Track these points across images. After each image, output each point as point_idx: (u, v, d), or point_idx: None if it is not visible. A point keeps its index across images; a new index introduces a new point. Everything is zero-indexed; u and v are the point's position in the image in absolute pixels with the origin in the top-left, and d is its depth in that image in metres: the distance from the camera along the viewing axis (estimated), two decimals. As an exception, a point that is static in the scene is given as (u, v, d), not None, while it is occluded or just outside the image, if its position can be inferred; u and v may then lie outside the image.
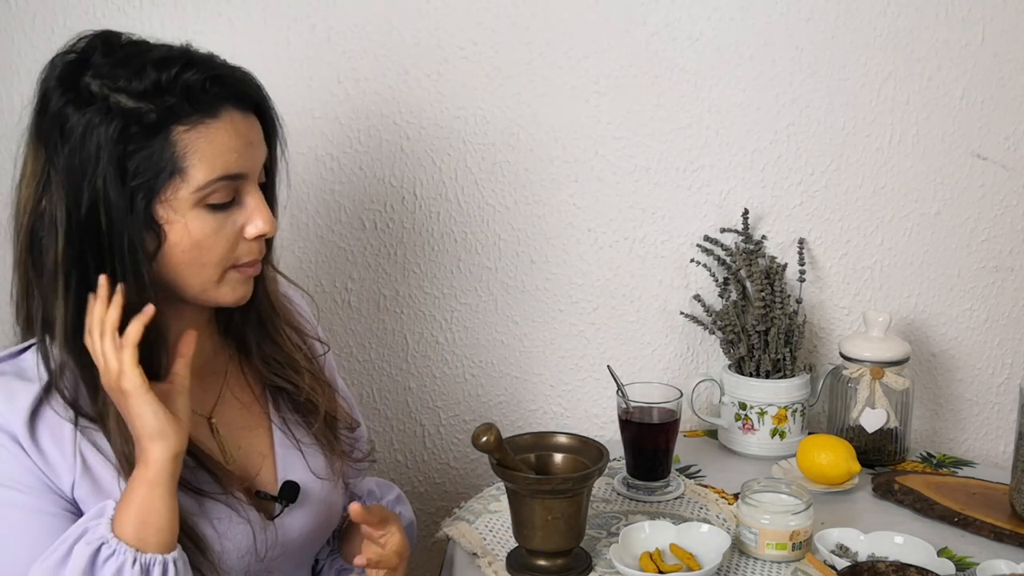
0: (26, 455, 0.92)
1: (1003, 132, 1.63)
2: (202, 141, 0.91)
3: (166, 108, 0.90)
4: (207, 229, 0.93)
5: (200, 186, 0.92)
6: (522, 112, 1.57)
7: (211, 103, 0.92)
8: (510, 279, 1.63)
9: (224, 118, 0.93)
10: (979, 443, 1.73)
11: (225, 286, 0.97)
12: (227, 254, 0.96)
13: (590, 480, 1.13)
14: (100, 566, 0.88)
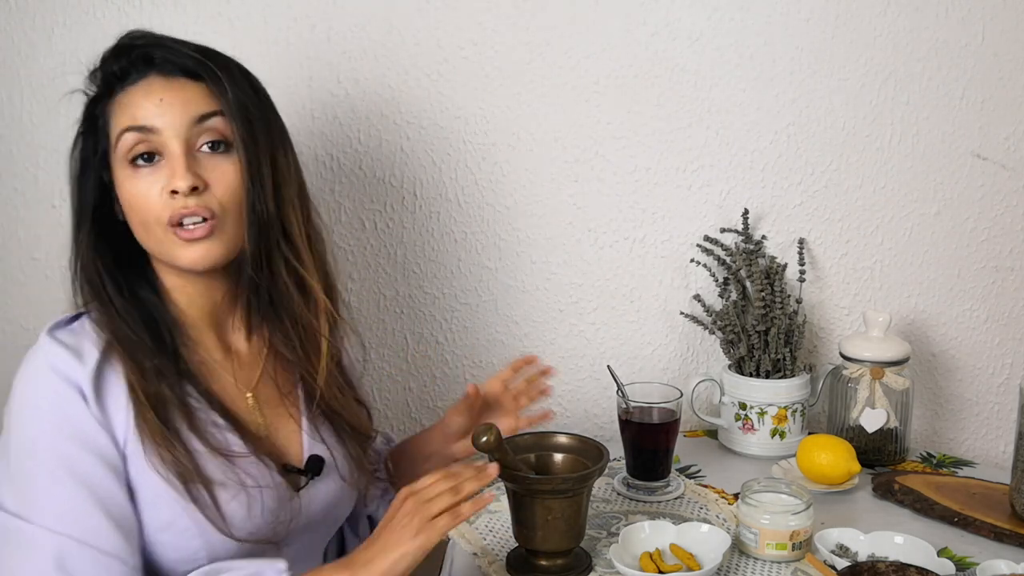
0: (88, 410, 0.98)
1: (1003, 132, 1.63)
2: (117, 105, 1.03)
3: (99, 91, 1.05)
4: (135, 188, 1.02)
5: (114, 140, 1.02)
6: (522, 112, 1.57)
7: (130, 70, 1.03)
8: (510, 279, 1.63)
9: (141, 84, 1.03)
10: (979, 443, 1.73)
11: (175, 248, 1.03)
12: (160, 212, 1.01)
13: (590, 480, 1.13)
14: None
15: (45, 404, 0.98)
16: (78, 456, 0.97)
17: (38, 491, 0.96)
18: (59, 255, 1.52)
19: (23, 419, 0.98)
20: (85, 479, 0.97)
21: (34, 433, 0.97)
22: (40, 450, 0.97)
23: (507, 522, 1.24)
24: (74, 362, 0.99)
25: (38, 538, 0.94)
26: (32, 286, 1.53)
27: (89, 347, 1.01)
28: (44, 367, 0.99)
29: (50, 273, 1.53)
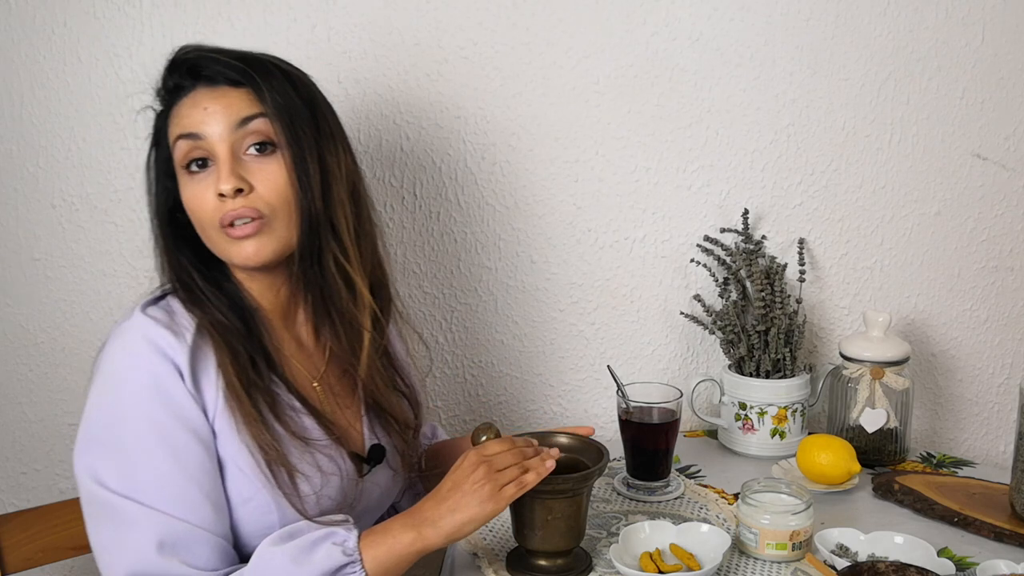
0: (186, 389, 1.02)
1: (1003, 132, 1.63)
2: (173, 117, 1.09)
3: (164, 98, 1.11)
4: (191, 192, 1.07)
5: (171, 148, 1.08)
6: (522, 112, 1.57)
7: (181, 82, 1.09)
8: (510, 279, 1.63)
9: (190, 96, 1.08)
10: (979, 443, 1.73)
11: (228, 246, 1.07)
12: (213, 215, 1.06)
13: (590, 480, 1.13)
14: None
15: (143, 378, 1.01)
16: (175, 430, 1.01)
17: (137, 468, 0.99)
18: (59, 255, 1.53)
19: (120, 393, 1.01)
20: (181, 454, 1.01)
21: (131, 407, 1.00)
22: (138, 424, 1.00)
23: (507, 522, 1.24)
24: (172, 338, 1.03)
25: (140, 517, 0.98)
26: (32, 286, 1.53)
27: (184, 325, 1.05)
28: (140, 342, 1.02)
29: (50, 273, 1.53)
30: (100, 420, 1.02)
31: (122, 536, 0.99)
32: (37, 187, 1.51)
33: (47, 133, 1.50)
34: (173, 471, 1.00)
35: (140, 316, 1.05)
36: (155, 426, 1.00)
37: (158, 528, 0.98)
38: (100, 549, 1.01)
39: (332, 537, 1.03)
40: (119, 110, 1.50)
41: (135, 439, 1.00)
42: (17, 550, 1.24)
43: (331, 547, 1.02)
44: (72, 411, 1.57)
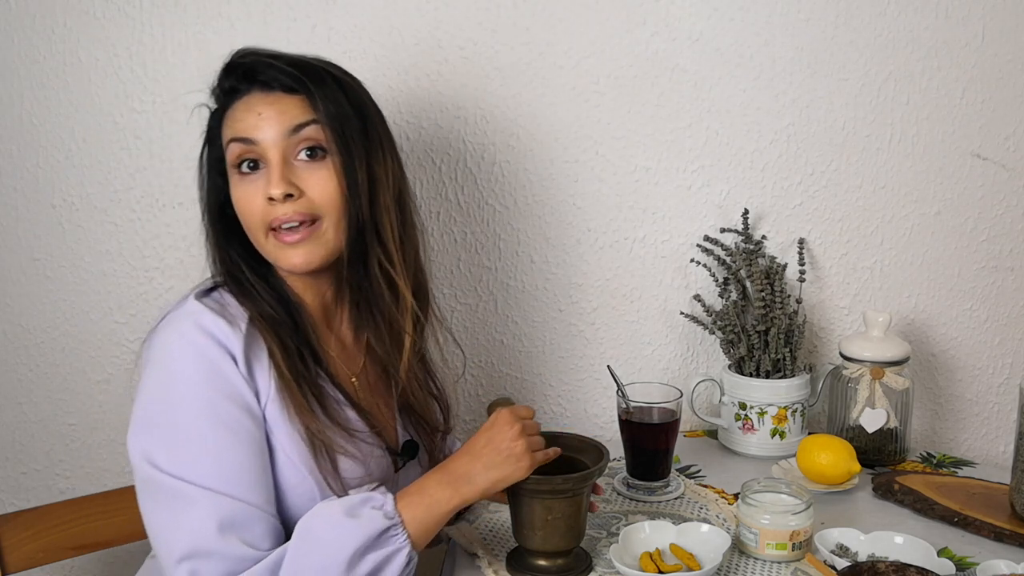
0: (240, 374, 1.04)
1: (1003, 132, 1.63)
2: (227, 118, 1.11)
3: (220, 99, 1.14)
4: (241, 192, 1.10)
5: (224, 148, 1.11)
6: (522, 112, 1.57)
7: (237, 85, 1.11)
8: (510, 279, 1.63)
9: (244, 99, 1.11)
10: (979, 443, 1.73)
11: (277, 251, 1.10)
12: (262, 217, 1.09)
13: (590, 480, 1.13)
14: (385, 541, 1.03)
15: (198, 362, 1.03)
16: (229, 411, 1.03)
17: (193, 449, 1.01)
18: (59, 255, 1.53)
19: (174, 376, 1.03)
20: (237, 434, 1.03)
21: (186, 390, 1.02)
22: (193, 406, 1.02)
23: (507, 522, 1.24)
24: (226, 326, 1.05)
25: (199, 499, 0.99)
26: (32, 286, 1.53)
27: (237, 315, 1.08)
28: (194, 327, 1.04)
29: (50, 273, 1.53)
30: (155, 404, 1.03)
31: (180, 518, 1.00)
32: (37, 187, 1.51)
33: (47, 133, 1.50)
34: (229, 451, 1.02)
35: (194, 303, 1.07)
36: (210, 407, 1.02)
37: (217, 509, 0.99)
38: (157, 531, 1.02)
39: (370, 501, 1.04)
40: (119, 110, 1.50)
41: (191, 421, 1.01)
42: (17, 550, 1.24)
43: (372, 511, 1.03)
44: (72, 411, 1.57)
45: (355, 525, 1.01)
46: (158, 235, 1.54)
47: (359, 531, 1.01)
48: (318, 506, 1.05)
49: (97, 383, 1.57)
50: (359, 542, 1.01)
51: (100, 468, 1.59)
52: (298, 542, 1.01)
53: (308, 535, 1.01)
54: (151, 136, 1.51)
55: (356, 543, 1.01)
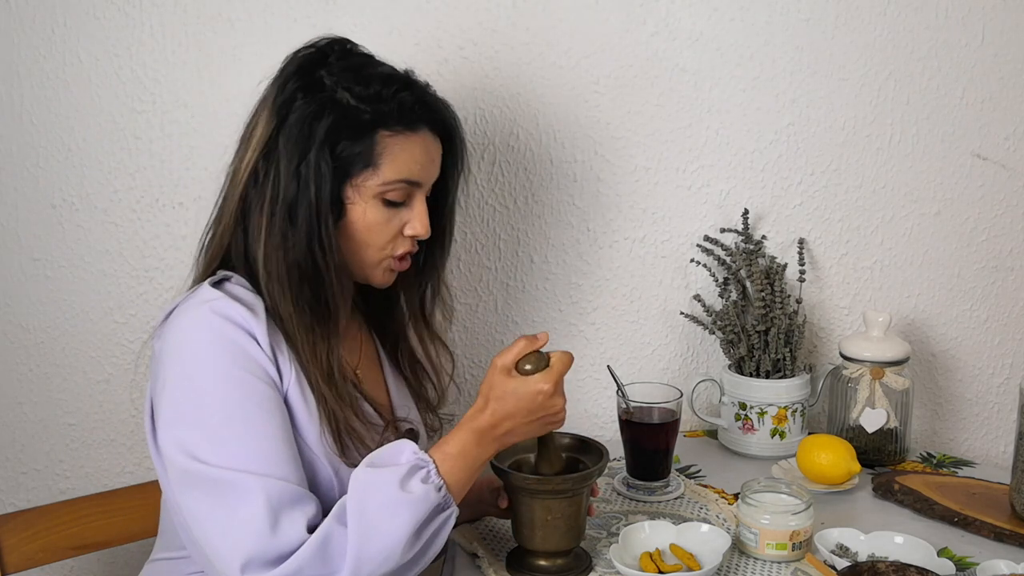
0: (264, 354, 1.05)
1: (1003, 132, 1.63)
2: (398, 147, 1.11)
3: (380, 113, 1.09)
4: (379, 218, 1.12)
5: (386, 181, 1.10)
6: (521, 112, 1.57)
7: (414, 121, 1.12)
8: (510, 279, 1.63)
9: (420, 135, 1.13)
10: (979, 443, 1.73)
11: (378, 269, 1.16)
12: (388, 243, 1.13)
13: (590, 480, 1.13)
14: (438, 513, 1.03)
15: (219, 342, 1.03)
16: (257, 387, 1.03)
17: (230, 434, 1.00)
18: (59, 255, 1.53)
19: (197, 362, 1.02)
20: (270, 412, 1.03)
21: (211, 372, 1.02)
22: (222, 388, 1.01)
23: (507, 522, 1.24)
24: (245, 311, 1.05)
25: (246, 484, 0.98)
26: (32, 286, 1.53)
27: (254, 302, 1.07)
28: (213, 314, 1.04)
29: (50, 273, 1.53)
30: (182, 395, 1.02)
31: (230, 508, 0.98)
32: (37, 187, 1.51)
33: (47, 133, 1.50)
34: (265, 430, 1.01)
35: (210, 290, 1.06)
36: (240, 387, 1.02)
37: (266, 493, 0.98)
38: (209, 526, 0.99)
39: (417, 472, 1.03)
40: (119, 110, 1.50)
41: (222, 405, 1.01)
42: (17, 550, 1.24)
43: (423, 486, 1.02)
44: (72, 411, 1.57)
45: (411, 503, 1.00)
46: (158, 235, 1.54)
47: (416, 510, 1.00)
48: (364, 477, 1.02)
49: (97, 383, 1.57)
50: (417, 522, 1.00)
51: (100, 468, 1.59)
52: (357, 521, 0.99)
53: (365, 517, 0.99)
54: (151, 136, 1.51)
55: (415, 523, 1.00)
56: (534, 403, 1.08)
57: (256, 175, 1.10)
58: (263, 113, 1.11)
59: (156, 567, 1.19)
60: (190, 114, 1.51)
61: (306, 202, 1.07)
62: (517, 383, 1.08)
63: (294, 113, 1.08)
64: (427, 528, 1.02)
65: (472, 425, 1.08)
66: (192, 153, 1.52)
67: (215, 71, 1.50)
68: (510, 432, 1.09)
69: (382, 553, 0.98)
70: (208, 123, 1.51)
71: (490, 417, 1.08)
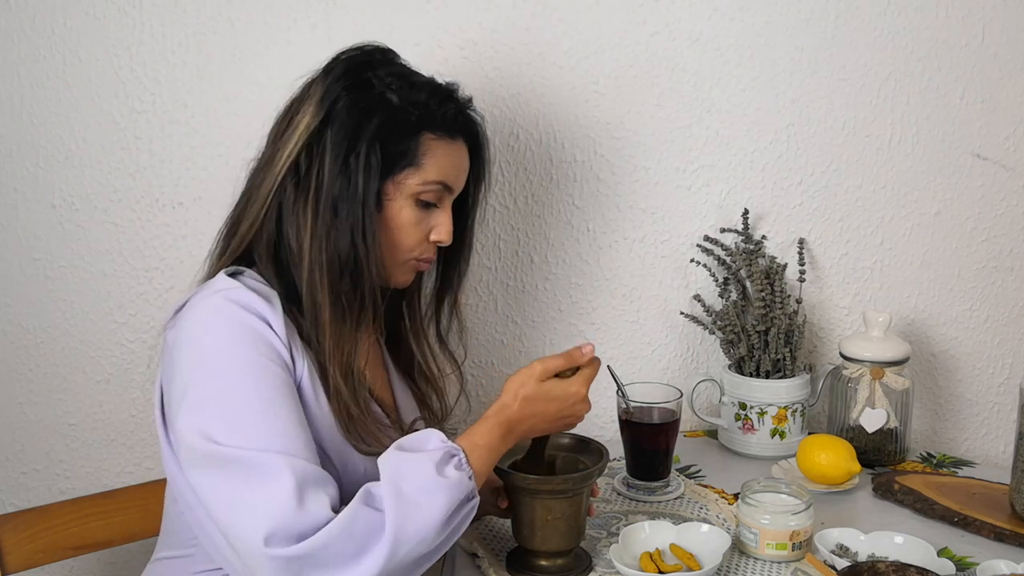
0: (277, 337, 1.06)
1: (1003, 132, 1.63)
2: (440, 151, 1.15)
3: (426, 117, 1.14)
4: (411, 218, 1.15)
5: (426, 181, 1.14)
6: (521, 112, 1.57)
7: (455, 129, 1.17)
8: (510, 279, 1.63)
9: (458, 143, 1.18)
10: (979, 443, 1.73)
11: (400, 269, 1.18)
12: (414, 245, 1.17)
13: (590, 480, 1.13)
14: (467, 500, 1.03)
15: (234, 327, 1.04)
16: (272, 370, 1.03)
17: (252, 416, 1.00)
18: (59, 255, 1.53)
19: (212, 346, 1.03)
20: (286, 395, 1.03)
21: (227, 355, 1.02)
22: (237, 370, 1.02)
23: (507, 522, 1.24)
24: (261, 301, 1.06)
25: (272, 462, 0.97)
26: (32, 286, 1.53)
27: (270, 293, 1.09)
28: (229, 301, 1.05)
29: (50, 273, 1.53)
30: (198, 379, 1.02)
31: (257, 484, 0.97)
32: (37, 187, 1.51)
33: (47, 133, 1.50)
34: (283, 410, 1.02)
35: (225, 280, 1.07)
36: (256, 368, 1.02)
37: (292, 472, 0.97)
38: (225, 502, 0.98)
39: (452, 460, 1.03)
40: (119, 110, 1.50)
41: (238, 386, 1.01)
42: (17, 550, 1.24)
43: (456, 472, 1.02)
44: (72, 411, 1.57)
45: (448, 487, 1.00)
46: (158, 235, 1.54)
47: (451, 494, 1.00)
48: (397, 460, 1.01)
49: (97, 383, 1.57)
50: (452, 506, 1.01)
51: (100, 468, 1.59)
52: (395, 501, 0.98)
53: (403, 497, 0.98)
54: (151, 136, 1.51)
55: (450, 507, 1.00)
56: (566, 404, 1.11)
57: (298, 166, 1.11)
58: (307, 107, 1.13)
59: (160, 566, 1.19)
60: (190, 114, 1.51)
61: (353, 194, 1.10)
62: (553, 384, 1.11)
63: (344, 108, 1.11)
64: (457, 515, 1.02)
65: (499, 418, 1.09)
66: (192, 153, 1.52)
67: (215, 71, 1.50)
68: (532, 429, 1.12)
69: (419, 534, 0.98)
70: (208, 123, 1.51)
71: (518, 412, 1.09)
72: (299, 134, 1.11)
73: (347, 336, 1.11)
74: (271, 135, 1.17)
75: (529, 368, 1.11)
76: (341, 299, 1.10)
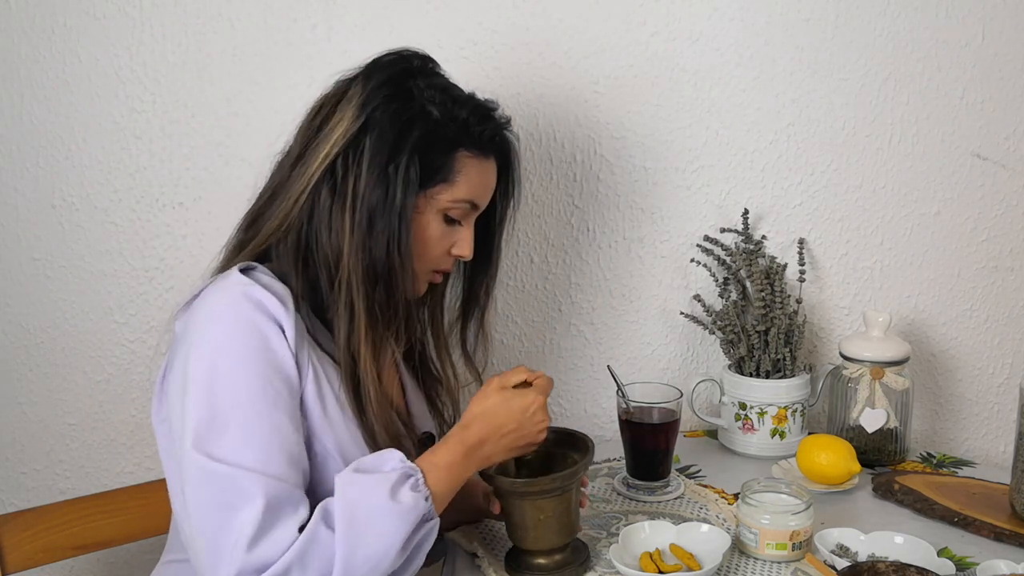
0: (288, 349, 1.05)
1: (1003, 132, 1.63)
2: (473, 170, 1.16)
3: (464, 134, 1.14)
4: (437, 232, 1.16)
5: (456, 199, 1.15)
6: (521, 112, 1.57)
7: (489, 149, 1.18)
8: (510, 279, 1.63)
9: (490, 162, 1.19)
10: (979, 443, 1.73)
11: (420, 281, 1.19)
12: (436, 258, 1.18)
13: (578, 476, 1.13)
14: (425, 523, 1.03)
15: (248, 331, 1.03)
16: (273, 382, 1.03)
17: (236, 422, 1.00)
18: (59, 255, 1.53)
19: (221, 348, 1.02)
20: (279, 408, 1.03)
21: (234, 358, 1.02)
22: (239, 376, 1.01)
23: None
24: (275, 300, 1.05)
25: (245, 483, 0.97)
26: (32, 286, 1.53)
27: (283, 292, 1.08)
28: (244, 297, 1.04)
29: (50, 273, 1.53)
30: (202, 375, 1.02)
31: (229, 508, 0.97)
32: (37, 187, 1.51)
33: (47, 133, 1.50)
34: (270, 427, 1.01)
35: (239, 275, 1.06)
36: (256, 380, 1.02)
37: (266, 493, 0.97)
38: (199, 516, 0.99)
39: (407, 481, 1.03)
40: (119, 110, 1.50)
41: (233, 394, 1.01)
42: (17, 550, 1.24)
43: (412, 493, 1.02)
44: (72, 411, 1.57)
45: (401, 512, 1.00)
46: (158, 235, 1.54)
47: (404, 519, 1.00)
48: (352, 482, 1.01)
49: (97, 383, 1.57)
50: (407, 532, 1.00)
51: (100, 468, 1.59)
52: (345, 528, 0.98)
53: (354, 525, 0.98)
54: (151, 136, 1.51)
55: (404, 533, 1.00)
56: (524, 415, 1.11)
57: (334, 170, 1.10)
58: (345, 111, 1.11)
59: (168, 570, 1.18)
60: (190, 114, 1.51)
61: (390, 205, 1.09)
62: (509, 394, 1.12)
63: (385, 117, 1.10)
64: (414, 537, 1.02)
65: (460, 436, 1.10)
66: (192, 153, 1.52)
67: (215, 71, 1.50)
68: (495, 449, 1.11)
69: (371, 561, 0.98)
70: (208, 123, 1.51)
71: (479, 430, 1.10)
72: (336, 137, 1.10)
73: (380, 345, 1.12)
74: (301, 132, 1.15)
75: (486, 384, 1.14)
76: (375, 308, 1.10)
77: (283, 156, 1.16)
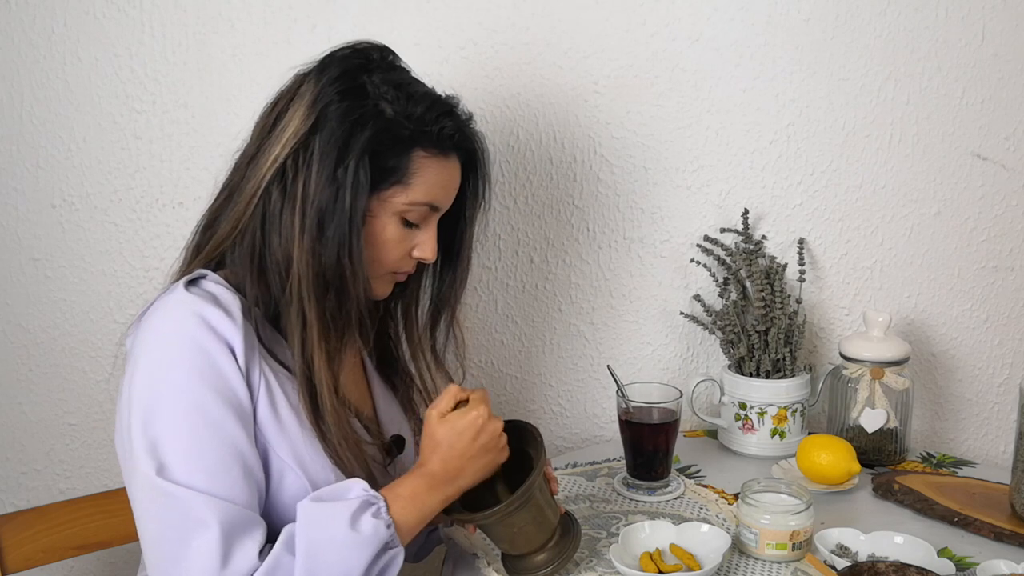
0: (237, 368, 1.02)
1: (1003, 132, 1.63)
2: (431, 170, 1.10)
3: (420, 133, 1.09)
4: (394, 236, 1.11)
5: (413, 201, 1.10)
6: (521, 112, 1.57)
7: (448, 147, 1.12)
8: (510, 279, 1.63)
9: (451, 161, 1.13)
10: (979, 443, 1.73)
11: (380, 282, 1.15)
12: (396, 261, 1.13)
13: (535, 485, 1.10)
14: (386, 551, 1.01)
15: (194, 352, 1.00)
16: (217, 405, 1.00)
17: (189, 451, 0.98)
18: (59, 255, 1.53)
19: (166, 369, 1.00)
20: (225, 430, 1.00)
21: (178, 382, 1.00)
22: (182, 401, 0.99)
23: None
24: (225, 317, 1.02)
25: (200, 508, 0.96)
26: (32, 286, 1.54)
27: (230, 304, 1.04)
28: (192, 316, 1.01)
29: (50, 273, 1.53)
30: (148, 398, 1.00)
31: (184, 536, 0.96)
32: (37, 187, 1.51)
33: (47, 133, 1.50)
34: (222, 452, 0.99)
35: (185, 293, 1.03)
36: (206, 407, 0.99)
37: (221, 518, 0.96)
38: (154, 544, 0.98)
39: (369, 508, 1.02)
40: (119, 110, 1.50)
41: (175, 419, 0.99)
42: (17, 550, 1.24)
43: (373, 521, 1.01)
44: (72, 411, 1.57)
45: (361, 541, 0.99)
46: (158, 235, 1.54)
47: (365, 548, 0.99)
48: (313, 511, 1.00)
49: (97, 383, 1.57)
50: (367, 559, 0.99)
51: (100, 468, 1.59)
52: (305, 558, 0.97)
53: (313, 556, 0.97)
54: (151, 136, 1.51)
55: (364, 563, 0.99)
56: (476, 430, 1.08)
57: (284, 172, 1.06)
58: (297, 108, 1.07)
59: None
60: (190, 114, 1.51)
61: (340, 209, 1.05)
62: (455, 418, 1.08)
63: (335, 115, 1.05)
64: (375, 566, 1.00)
65: (423, 471, 1.08)
66: (192, 153, 1.52)
67: (215, 71, 1.50)
68: (460, 472, 1.08)
69: None
70: (208, 123, 1.51)
71: (440, 462, 1.08)
72: (287, 137, 1.06)
73: (335, 353, 1.08)
74: (257, 128, 1.11)
75: (427, 420, 1.10)
76: (327, 317, 1.06)
77: (240, 154, 1.12)
